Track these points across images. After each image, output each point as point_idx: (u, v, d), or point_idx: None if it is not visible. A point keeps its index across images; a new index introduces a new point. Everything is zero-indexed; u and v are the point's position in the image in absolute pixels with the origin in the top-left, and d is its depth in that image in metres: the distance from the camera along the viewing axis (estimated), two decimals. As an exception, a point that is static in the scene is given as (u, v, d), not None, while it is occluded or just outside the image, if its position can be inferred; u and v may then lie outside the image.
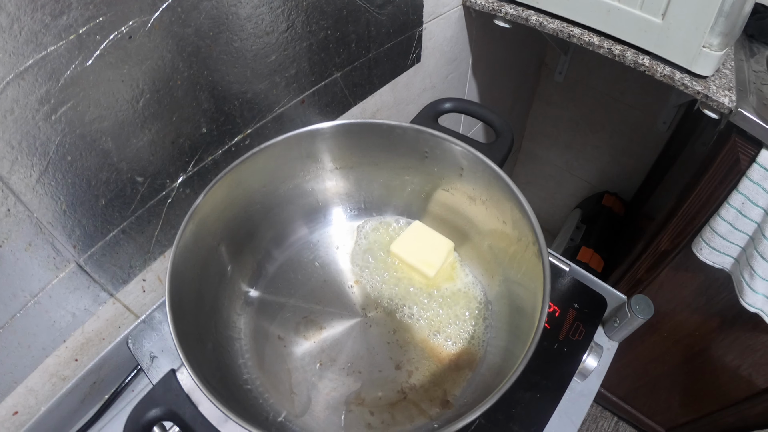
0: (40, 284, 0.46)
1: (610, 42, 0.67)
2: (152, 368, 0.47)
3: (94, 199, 0.45)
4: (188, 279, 0.38)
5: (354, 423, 0.41)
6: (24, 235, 0.42)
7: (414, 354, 0.44)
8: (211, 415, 0.33)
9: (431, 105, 0.47)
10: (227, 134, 0.50)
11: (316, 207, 0.51)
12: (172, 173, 0.48)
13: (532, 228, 0.38)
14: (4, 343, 0.46)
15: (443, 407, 0.41)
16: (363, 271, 0.50)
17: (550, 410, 0.45)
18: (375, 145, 0.45)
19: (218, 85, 0.47)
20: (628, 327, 0.54)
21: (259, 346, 0.44)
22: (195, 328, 0.38)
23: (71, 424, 0.56)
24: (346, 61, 0.56)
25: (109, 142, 0.43)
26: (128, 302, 0.53)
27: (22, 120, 0.37)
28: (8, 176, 0.39)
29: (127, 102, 0.42)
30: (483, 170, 0.42)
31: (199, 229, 0.40)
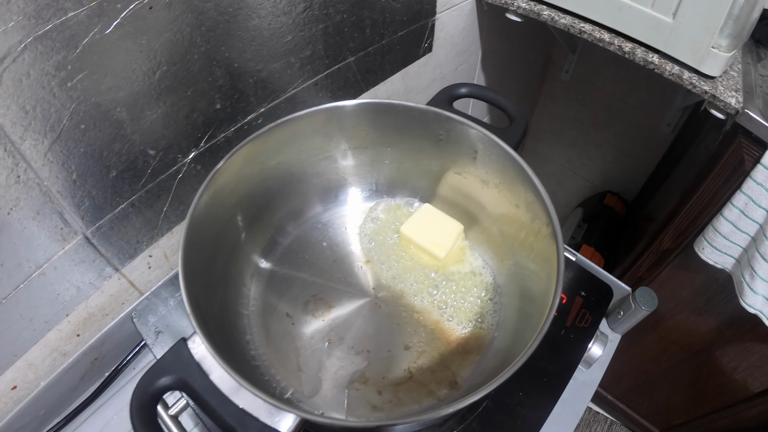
0: (45, 255, 0.46)
1: (621, 39, 0.67)
2: (157, 344, 0.47)
3: (105, 170, 0.44)
4: (201, 247, 0.38)
5: (361, 402, 0.40)
6: (33, 203, 0.42)
7: (423, 335, 0.44)
8: (222, 384, 0.33)
9: (446, 89, 0.47)
10: (240, 112, 0.50)
11: (328, 186, 0.51)
12: (184, 148, 0.48)
13: (546, 210, 0.38)
14: (5, 315, 0.46)
15: (451, 388, 0.41)
16: (373, 252, 0.50)
17: (556, 396, 0.45)
18: (390, 126, 0.46)
19: (234, 62, 0.47)
20: (632, 319, 0.54)
21: (266, 323, 0.44)
22: (205, 299, 0.38)
23: (70, 401, 0.55)
24: (360, 45, 0.56)
25: (123, 112, 0.43)
26: (133, 278, 0.53)
27: (37, 85, 0.37)
28: (20, 142, 0.38)
29: (143, 73, 0.42)
30: (498, 153, 0.42)
31: (213, 199, 0.39)
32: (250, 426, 0.30)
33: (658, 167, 1.00)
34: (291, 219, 0.50)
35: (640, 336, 0.89)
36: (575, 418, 0.50)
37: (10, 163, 0.39)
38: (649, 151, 1.01)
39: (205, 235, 0.39)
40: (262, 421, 0.31)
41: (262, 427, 0.30)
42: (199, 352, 0.33)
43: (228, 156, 0.40)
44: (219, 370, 0.33)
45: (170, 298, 0.49)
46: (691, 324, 0.84)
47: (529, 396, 0.44)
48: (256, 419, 0.31)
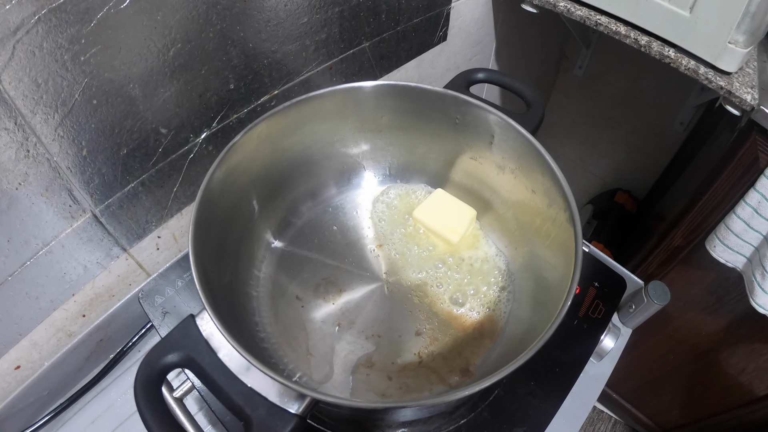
0: (53, 232, 0.45)
1: (637, 32, 0.67)
2: (164, 324, 0.46)
3: (116, 147, 0.44)
4: (212, 224, 0.37)
5: (371, 387, 0.40)
6: (42, 179, 0.41)
7: (435, 321, 0.43)
8: (230, 363, 0.32)
9: (463, 74, 0.46)
10: (254, 93, 0.49)
11: (342, 169, 0.50)
12: (197, 128, 0.47)
13: (564, 195, 0.38)
14: (11, 293, 0.45)
15: (463, 375, 0.40)
16: (385, 236, 0.49)
17: (568, 387, 0.44)
18: (406, 110, 0.45)
19: (249, 42, 0.46)
20: (644, 313, 0.53)
21: (276, 305, 0.44)
22: (215, 277, 0.37)
23: (74, 382, 0.54)
24: (375, 31, 0.56)
25: (136, 89, 0.42)
26: (141, 259, 0.52)
27: (50, 58, 0.36)
28: (31, 116, 0.38)
29: (158, 50, 0.41)
30: (515, 138, 0.41)
31: (226, 176, 0.39)
32: (259, 406, 0.30)
33: (669, 166, 0.99)
34: (304, 200, 0.49)
35: (647, 334, 0.88)
36: (585, 411, 0.50)
37: (20, 137, 0.38)
38: (660, 150, 1.00)
39: (216, 212, 0.38)
40: (272, 401, 0.30)
41: (272, 407, 0.30)
42: (208, 329, 0.33)
43: (244, 131, 0.39)
44: (227, 348, 0.32)
45: (178, 280, 0.48)
46: (699, 323, 0.83)
47: (541, 386, 0.43)
48: (265, 399, 0.30)
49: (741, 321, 0.78)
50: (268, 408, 0.29)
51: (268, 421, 0.29)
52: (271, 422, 0.29)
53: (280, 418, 0.29)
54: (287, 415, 0.29)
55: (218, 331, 0.31)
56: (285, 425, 0.28)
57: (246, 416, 0.29)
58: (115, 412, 0.52)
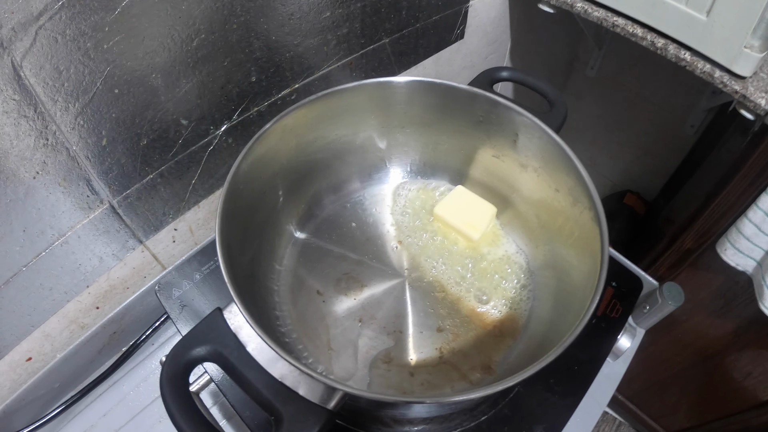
0: (69, 223, 0.45)
1: (654, 35, 0.67)
2: (181, 318, 0.46)
3: (136, 137, 0.43)
4: (236, 216, 0.37)
5: (392, 383, 0.40)
6: (60, 168, 0.41)
7: (456, 318, 0.43)
8: (259, 356, 0.31)
9: (487, 72, 0.46)
10: (275, 86, 0.49)
11: (364, 164, 0.50)
12: (217, 120, 0.47)
13: (589, 194, 0.37)
14: (25, 283, 0.45)
15: (485, 372, 0.40)
16: (406, 232, 0.49)
17: (586, 385, 0.44)
18: (430, 106, 0.45)
19: (273, 35, 0.46)
20: (658, 314, 0.53)
21: (296, 299, 0.43)
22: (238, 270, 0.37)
23: (86, 375, 0.54)
24: (395, 27, 0.55)
25: (158, 79, 0.42)
26: (157, 251, 0.52)
27: (73, 45, 0.36)
28: (52, 103, 0.37)
29: (181, 40, 0.41)
30: (540, 137, 0.41)
31: (252, 166, 0.39)
32: (289, 400, 0.29)
33: (679, 168, 1.00)
34: (328, 193, 0.49)
35: (655, 337, 0.88)
36: (598, 411, 0.50)
37: (40, 125, 0.38)
38: (671, 152, 1.00)
39: (240, 203, 0.38)
40: (302, 396, 0.29)
41: (302, 401, 0.29)
42: (236, 323, 0.32)
43: (273, 121, 0.39)
44: (256, 342, 0.31)
45: (196, 273, 0.48)
46: (707, 326, 0.83)
47: (560, 383, 0.43)
48: (296, 393, 0.29)
49: (749, 325, 0.78)
50: (298, 403, 0.29)
51: (299, 416, 0.28)
52: (302, 417, 0.28)
53: (312, 412, 0.28)
54: (318, 409, 0.28)
55: (246, 325, 0.31)
56: (317, 420, 0.28)
57: (276, 411, 0.29)
58: (128, 405, 0.51)
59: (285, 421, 0.28)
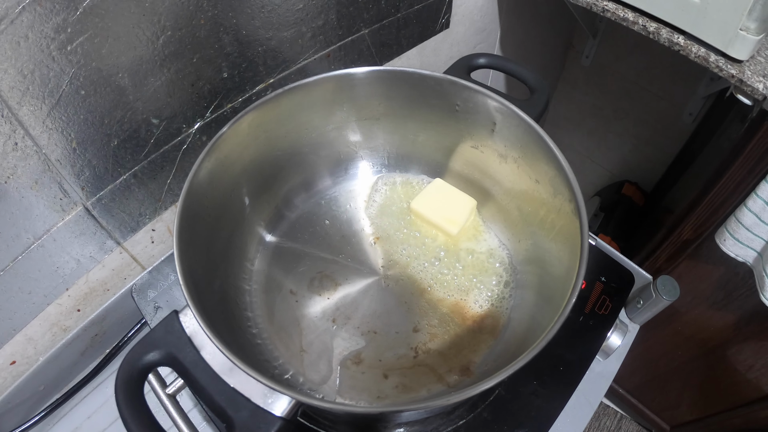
0: (44, 226, 0.44)
1: (645, 19, 0.64)
2: (155, 319, 0.45)
3: (107, 138, 0.43)
4: (201, 217, 0.36)
5: (366, 386, 0.39)
6: (31, 171, 0.40)
7: (433, 316, 0.42)
8: (213, 361, 0.31)
9: (464, 59, 0.45)
10: (249, 82, 0.48)
11: (338, 159, 0.49)
12: (189, 118, 0.46)
13: (569, 185, 0.36)
14: (3, 288, 0.45)
15: (463, 374, 0.39)
16: (383, 229, 0.48)
17: (572, 386, 0.43)
18: (404, 96, 0.43)
19: (243, 29, 0.44)
20: (652, 309, 0.52)
21: (270, 300, 0.42)
22: (204, 273, 0.36)
23: (70, 377, 0.54)
24: (374, 17, 0.54)
25: (125, 78, 0.41)
26: (135, 252, 0.51)
27: (36, 48, 0.35)
28: (18, 107, 0.37)
29: (147, 38, 0.40)
30: (518, 126, 0.39)
31: (216, 167, 0.38)
32: (241, 407, 0.29)
33: (678, 158, 0.97)
34: (299, 192, 0.48)
35: (655, 330, 0.86)
36: (589, 411, 0.48)
37: (8, 130, 0.37)
38: (669, 141, 0.98)
39: (206, 204, 0.37)
40: (255, 403, 0.29)
41: (254, 408, 0.29)
42: (191, 326, 0.32)
43: (233, 121, 0.38)
44: (211, 346, 0.31)
45: (171, 273, 0.47)
46: (708, 319, 0.81)
47: (545, 385, 0.42)
48: (248, 400, 0.29)
49: (750, 317, 0.76)
50: (250, 410, 0.28)
51: (249, 424, 0.27)
52: (253, 425, 0.28)
53: (263, 420, 0.28)
54: (270, 417, 0.28)
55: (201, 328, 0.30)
56: (268, 428, 0.27)
57: (228, 418, 0.28)
58: (112, 407, 0.51)
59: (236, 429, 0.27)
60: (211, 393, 0.28)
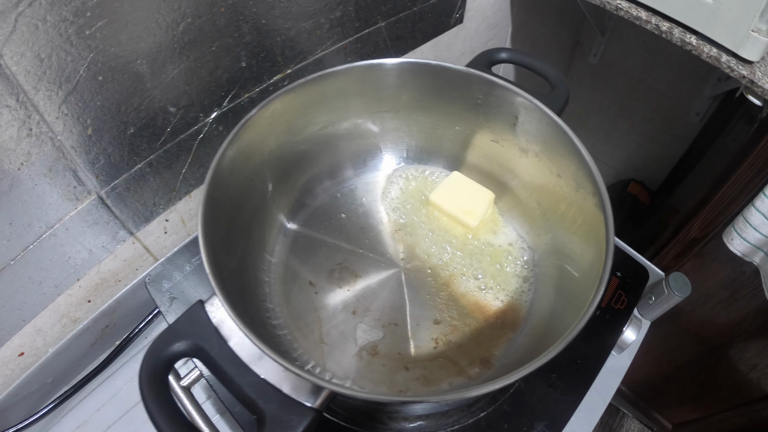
0: (57, 215, 0.44)
1: (658, 18, 0.64)
2: (171, 311, 0.45)
3: (123, 126, 0.42)
4: (223, 206, 0.35)
5: (388, 378, 0.38)
6: (45, 158, 0.40)
7: (454, 309, 0.42)
8: (242, 352, 0.30)
9: (485, 53, 0.44)
10: (266, 72, 0.47)
11: (357, 151, 0.48)
12: (207, 107, 0.46)
13: (592, 178, 0.36)
14: (14, 278, 0.44)
15: (483, 367, 0.39)
16: (402, 221, 0.48)
17: (589, 380, 0.43)
18: (425, 89, 0.43)
19: (262, 18, 0.44)
20: (664, 305, 0.52)
21: (288, 291, 0.42)
22: (225, 261, 0.35)
23: (79, 369, 0.53)
24: (391, 10, 0.54)
25: (144, 65, 0.40)
26: (148, 243, 0.51)
27: (54, 32, 0.34)
28: (34, 92, 0.36)
29: (166, 24, 0.39)
30: (540, 120, 0.39)
31: (238, 155, 0.37)
32: (272, 398, 0.28)
33: (684, 157, 0.98)
34: (319, 181, 0.48)
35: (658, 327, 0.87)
36: (602, 406, 0.48)
37: (23, 115, 0.37)
38: (675, 140, 0.98)
39: (227, 193, 0.37)
40: (286, 394, 0.28)
41: (286, 400, 0.28)
42: (218, 316, 0.31)
43: (258, 108, 0.37)
44: (238, 336, 0.30)
45: (186, 264, 0.47)
46: (712, 317, 0.82)
47: (563, 378, 0.42)
48: (279, 391, 0.28)
49: (755, 316, 0.77)
50: (282, 401, 0.27)
51: (282, 416, 0.27)
52: (285, 416, 0.27)
53: (296, 411, 0.27)
54: (303, 408, 0.27)
55: (229, 318, 0.30)
56: (301, 420, 0.27)
57: (259, 410, 0.27)
58: (121, 400, 0.51)
59: (267, 421, 0.26)
60: (241, 384, 0.27)
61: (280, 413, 0.26)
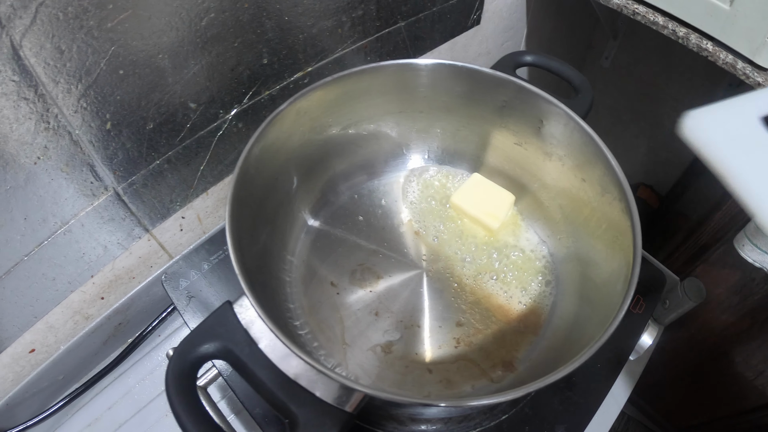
0: (72, 210, 0.43)
1: (675, 23, 0.64)
2: (188, 309, 0.44)
3: (142, 121, 0.42)
4: (247, 204, 0.35)
5: (410, 380, 0.38)
6: (62, 153, 0.39)
7: (476, 311, 0.41)
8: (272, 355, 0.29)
9: (510, 56, 0.44)
10: (288, 69, 0.47)
11: (381, 150, 0.48)
12: (227, 103, 0.45)
13: (619, 184, 0.36)
14: (27, 273, 0.43)
15: (506, 369, 0.38)
16: (423, 221, 0.47)
17: (609, 383, 0.43)
18: (451, 90, 0.43)
19: (285, 15, 0.44)
20: (678, 310, 0.52)
21: (309, 291, 0.42)
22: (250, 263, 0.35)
23: (91, 367, 0.52)
24: (411, 10, 0.53)
25: (165, 60, 0.40)
26: (164, 240, 0.50)
27: (75, 23, 0.34)
28: (53, 85, 0.35)
29: (190, 18, 0.39)
30: (566, 125, 0.39)
31: (263, 152, 0.37)
32: (305, 402, 0.27)
33: (694, 161, 0.98)
34: (342, 180, 0.47)
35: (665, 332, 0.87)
36: (616, 409, 0.48)
37: (41, 108, 0.36)
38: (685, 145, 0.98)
39: (251, 191, 0.36)
40: (319, 397, 0.27)
41: (319, 403, 0.27)
42: (247, 318, 0.30)
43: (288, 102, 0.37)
44: (268, 338, 0.29)
45: (204, 263, 0.46)
46: (721, 323, 0.82)
47: (583, 381, 0.42)
48: (311, 394, 0.28)
49: (763, 323, 0.77)
50: (315, 405, 0.27)
51: (315, 419, 0.26)
52: (317, 420, 0.26)
53: (330, 415, 0.26)
54: (337, 412, 0.27)
55: (259, 320, 0.29)
56: (335, 423, 0.26)
57: (291, 413, 0.27)
58: (133, 398, 0.50)
59: (300, 425, 0.26)
60: (272, 388, 0.27)
61: (314, 417, 0.26)
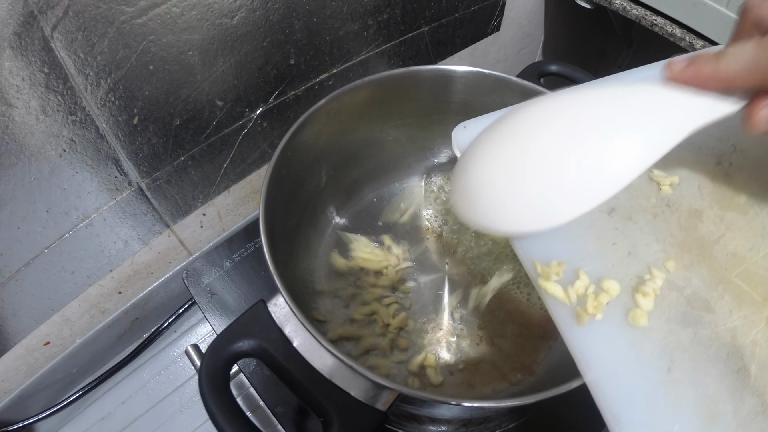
0: (95, 204, 0.43)
1: (692, 36, 0.65)
2: (210, 306, 0.44)
3: (169, 117, 0.42)
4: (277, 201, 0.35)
5: (429, 382, 0.38)
6: (88, 146, 0.39)
7: (497, 315, 0.42)
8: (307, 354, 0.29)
9: (535, 64, 0.45)
10: (314, 70, 0.47)
11: (404, 155, 0.48)
12: (253, 102, 0.45)
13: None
14: (46, 266, 0.43)
15: (525, 373, 0.39)
16: (447, 225, 0.48)
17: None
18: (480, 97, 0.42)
19: (314, 16, 0.44)
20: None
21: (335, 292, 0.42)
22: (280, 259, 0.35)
23: (105, 361, 0.52)
24: (435, 15, 0.54)
25: (195, 56, 0.40)
26: (184, 236, 0.50)
27: (107, 16, 0.34)
28: (82, 78, 0.35)
29: (222, 16, 0.39)
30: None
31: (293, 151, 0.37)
32: (341, 402, 0.27)
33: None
34: (368, 181, 0.48)
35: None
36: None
37: (69, 100, 0.36)
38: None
39: (282, 190, 0.36)
40: (354, 396, 0.28)
41: (354, 402, 0.27)
42: (281, 316, 0.30)
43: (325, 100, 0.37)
44: (302, 337, 0.29)
45: (226, 260, 0.46)
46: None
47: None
48: (347, 394, 0.28)
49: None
50: (350, 404, 0.27)
51: (350, 418, 0.26)
52: (352, 419, 0.27)
53: (365, 414, 0.27)
54: (371, 411, 0.27)
55: (293, 319, 0.30)
56: (370, 422, 0.26)
57: (326, 413, 0.27)
58: (147, 393, 0.50)
59: (335, 424, 0.26)
60: (308, 387, 0.27)
61: (349, 416, 0.26)
